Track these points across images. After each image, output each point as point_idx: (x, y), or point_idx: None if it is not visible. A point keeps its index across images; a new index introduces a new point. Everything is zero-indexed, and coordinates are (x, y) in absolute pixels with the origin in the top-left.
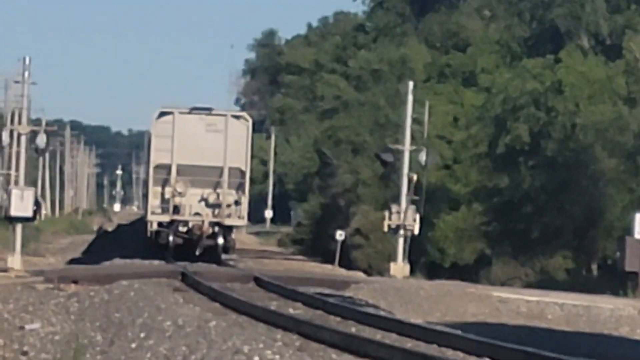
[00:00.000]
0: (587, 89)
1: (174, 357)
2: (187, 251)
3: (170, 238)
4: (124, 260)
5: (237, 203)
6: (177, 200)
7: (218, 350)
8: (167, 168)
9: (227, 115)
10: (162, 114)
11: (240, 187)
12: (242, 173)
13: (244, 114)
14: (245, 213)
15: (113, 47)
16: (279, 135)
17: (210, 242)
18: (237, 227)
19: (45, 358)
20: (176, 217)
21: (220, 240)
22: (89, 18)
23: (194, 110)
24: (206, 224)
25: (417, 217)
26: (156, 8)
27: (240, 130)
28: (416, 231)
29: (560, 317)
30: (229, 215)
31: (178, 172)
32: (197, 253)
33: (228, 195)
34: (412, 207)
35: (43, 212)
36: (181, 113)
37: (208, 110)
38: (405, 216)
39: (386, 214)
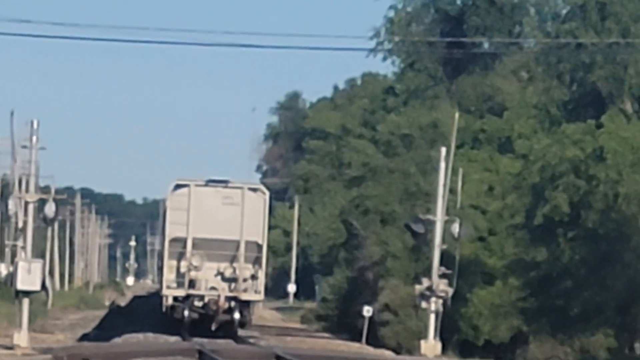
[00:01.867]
0: (630, 156)
1: None
2: (203, 326)
3: (186, 313)
4: (138, 337)
5: (253, 277)
6: (193, 274)
7: None
8: (183, 241)
9: (244, 188)
10: (178, 186)
11: (257, 261)
12: (259, 247)
13: (260, 186)
14: (262, 288)
15: (126, 111)
16: (303, 204)
17: (226, 317)
18: (253, 302)
19: None
20: (192, 291)
21: (237, 316)
22: (101, 81)
23: (210, 182)
24: (222, 299)
25: (450, 291)
26: (172, 68)
27: (257, 203)
28: (449, 295)
29: None
30: (245, 290)
31: (194, 246)
32: (213, 328)
33: (244, 270)
34: (444, 282)
35: (50, 293)
36: (197, 186)
37: (224, 183)
38: (437, 290)
39: (417, 287)
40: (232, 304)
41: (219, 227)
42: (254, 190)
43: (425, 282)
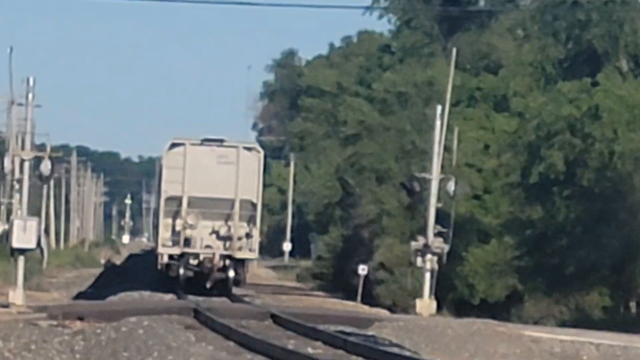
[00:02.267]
0: (626, 115)
1: None
2: (197, 284)
3: (181, 271)
4: (133, 296)
5: (248, 236)
6: (188, 232)
7: None
8: (178, 200)
9: (239, 147)
10: (174, 145)
11: (251, 220)
12: (254, 205)
13: (255, 145)
14: (256, 246)
15: (122, 68)
16: (299, 162)
17: (221, 275)
18: (248, 260)
19: None
20: (187, 249)
21: (231, 274)
22: (98, 37)
23: (205, 141)
24: (217, 257)
25: (446, 248)
26: (167, 26)
27: (252, 162)
28: (445, 250)
29: (596, 358)
30: (240, 248)
31: (189, 204)
32: (208, 286)
33: (239, 228)
34: (440, 240)
35: (45, 253)
36: (192, 144)
37: (220, 142)
38: (433, 246)
39: (413, 244)
40: (227, 262)
41: (214, 186)
42: (249, 149)
43: (421, 240)
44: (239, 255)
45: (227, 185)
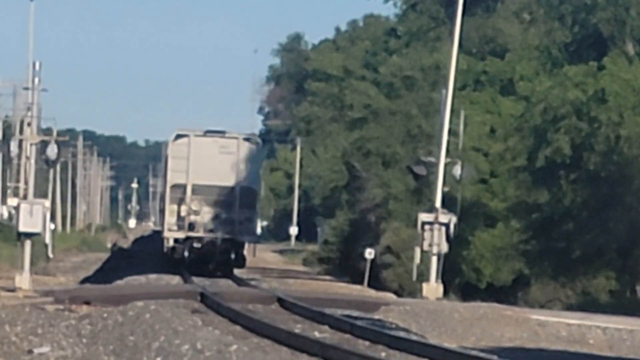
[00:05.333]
0: (632, 98)
1: None
2: (201, 266)
3: (186, 253)
4: (139, 279)
5: (248, 221)
6: (192, 218)
7: None
8: (183, 187)
9: (239, 138)
10: (178, 136)
11: (251, 206)
12: (253, 192)
13: (254, 135)
14: (255, 230)
15: (129, 52)
16: (305, 146)
17: (223, 257)
18: (248, 243)
19: None
20: (191, 233)
21: (233, 256)
22: (103, 21)
23: (208, 133)
24: (219, 241)
25: (454, 220)
26: (174, 10)
27: (252, 152)
28: (453, 222)
29: (603, 342)
30: (240, 232)
31: (193, 192)
32: (211, 268)
33: (240, 213)
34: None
35: (50, 244)
36: (196, 136)
37: (221, 133)
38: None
39: (421, 215)
40: (229, 245)
41: (217, 174)
42: (249, 139)
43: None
44: (239, 238)
45: (229, 174)
